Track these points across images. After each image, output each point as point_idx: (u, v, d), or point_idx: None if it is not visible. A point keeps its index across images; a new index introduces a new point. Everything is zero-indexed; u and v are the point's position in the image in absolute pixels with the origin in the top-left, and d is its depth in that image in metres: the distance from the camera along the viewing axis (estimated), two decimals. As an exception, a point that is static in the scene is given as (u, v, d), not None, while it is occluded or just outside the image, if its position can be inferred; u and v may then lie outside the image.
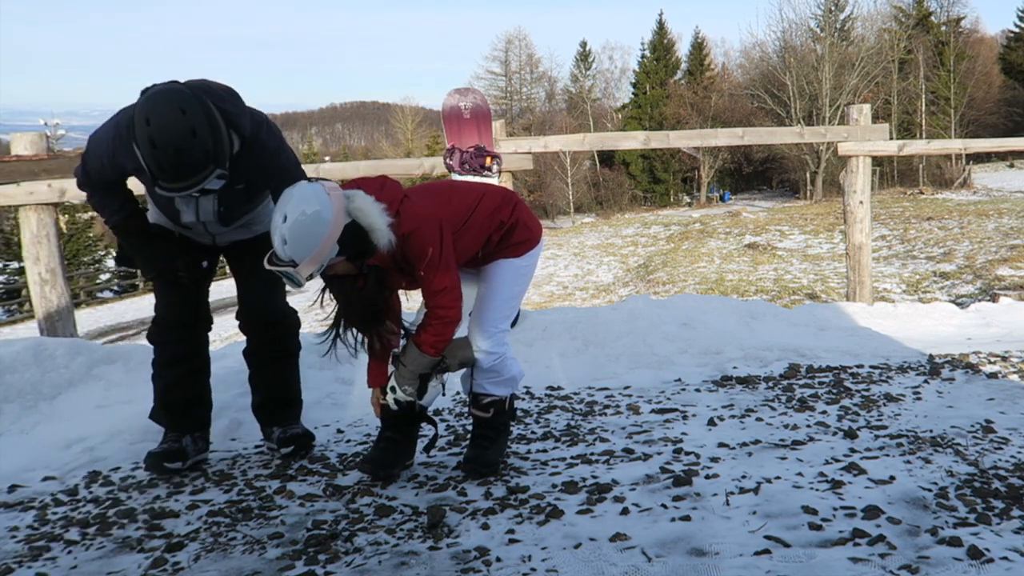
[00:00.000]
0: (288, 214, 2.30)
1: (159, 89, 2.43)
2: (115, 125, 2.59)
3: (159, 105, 2.36)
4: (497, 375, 2.79)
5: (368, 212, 2.40)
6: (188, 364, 2.96)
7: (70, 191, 4.89)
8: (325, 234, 2.32)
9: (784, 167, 46.11)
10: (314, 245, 2.31)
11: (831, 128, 6.49)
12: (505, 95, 56.55)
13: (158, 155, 2.35)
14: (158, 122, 2.34)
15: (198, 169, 2.40)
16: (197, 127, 2.37)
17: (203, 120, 2.39)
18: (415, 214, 2.49)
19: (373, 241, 2.41)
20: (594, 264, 23.06)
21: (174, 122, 2.34)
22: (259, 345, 3.08)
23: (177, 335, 2.93)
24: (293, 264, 2.31)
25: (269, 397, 3.10)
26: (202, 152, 2.39)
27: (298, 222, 2.29)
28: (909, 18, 46.48)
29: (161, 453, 2.86)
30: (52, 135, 32.95)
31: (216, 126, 2.44)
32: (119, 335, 18.59)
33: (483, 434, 2.82)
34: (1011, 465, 2.61)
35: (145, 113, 2.36)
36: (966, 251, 16.28)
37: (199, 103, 2.41)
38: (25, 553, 2.30)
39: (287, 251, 2.31)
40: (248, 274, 3.00)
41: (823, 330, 4.82)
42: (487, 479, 2.69)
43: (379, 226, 2.40)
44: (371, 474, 2.73)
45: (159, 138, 2.34)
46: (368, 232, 2.40)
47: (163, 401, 2.96)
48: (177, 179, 2.39)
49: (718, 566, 2.01)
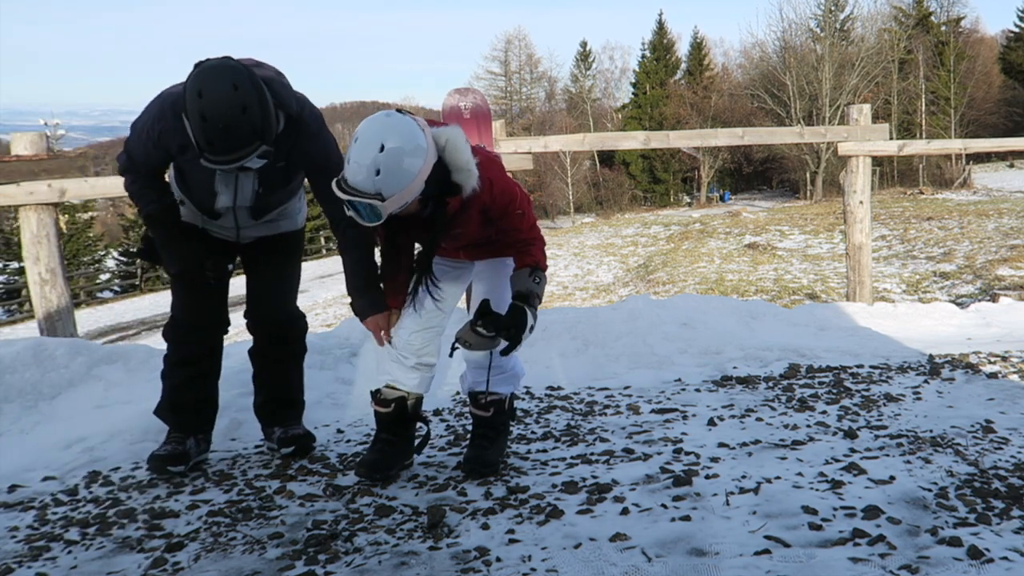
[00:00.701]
0: (387, 144, 2.23)
1: (213, 64, 2.43)
2: (159, 104, 2.60)
3: (212, 79, 2.38)
4: (501, 371, 2.77)
5: (462, 152, 2.37)
6: (199, 366, 2.95)
7: (70, 191, 4.89)
8: (420, 169, 2.28)
9: (784, 167, 46.11)
10: (408, 179, 2.27)
11: (831, 128, 6.49)
12: (505, 95, 56.55)
13: (207, 128, 2.37)
14: (210, 96, 2.36)
15: (245, 143, 2.42)
16: (248, 103, 2.39)
17: (254, 96, 2.41)
18: (491, 160, 2.48)
19: (457, 181, 2.37)
20: (594, 264, 23.06)
21: (226, 96, 2.36)
22: (266, 345, 3.07)
23: (191, 336, 2.92)
24: (380, 197, 2.26)
25: (271, 397, 3.09)
26: (250, 128, 2.40)
27: (397, 154, 2.23)
28: (909, 18, 46.48)
29: (165, 456, 2.86)
30: (52, 135, 32.99)
31: (265, 103, 2.45)
32: (119, 335, 18.59)
33: (483, 434, 2.81)
34: (1011, 465, 2.61)
35: (198, 86, 2.37)
36: (966, 251, 16.27)
37: (251, 79, 2.42)
38: (25, 553, 2.30)
39: (377, 183, 2.23)
40: (262, 273, 2.99)
41: (823, 330, 4.82)
42: (487, 479, 2.69)
43: (470, 167, 2.37)
44: (368, 477, 2.71)
45: (210, 111, 2.35)
46: (452, 172, 2.37)
47: (171, 401, 2.96)
48: (225, 151, 2.41)
49: (718, 566, 2.01)
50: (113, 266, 34.30)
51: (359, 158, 2.25)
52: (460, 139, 2.39)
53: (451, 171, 2.38)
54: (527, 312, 2.50)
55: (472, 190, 2.40)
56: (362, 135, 2.27)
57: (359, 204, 2.27)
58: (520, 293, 2.53)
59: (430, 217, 2.46)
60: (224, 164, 2.45)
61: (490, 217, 2.52)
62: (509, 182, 2.53)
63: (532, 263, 2.56)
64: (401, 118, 2.31)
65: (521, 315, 2.50)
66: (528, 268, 2.56)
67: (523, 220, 2.55)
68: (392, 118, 2.30)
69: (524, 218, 2.55)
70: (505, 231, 2.56)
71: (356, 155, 2.25)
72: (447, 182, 2.38)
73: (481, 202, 2.46)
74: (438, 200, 2.41)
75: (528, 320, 2.50)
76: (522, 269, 2.56)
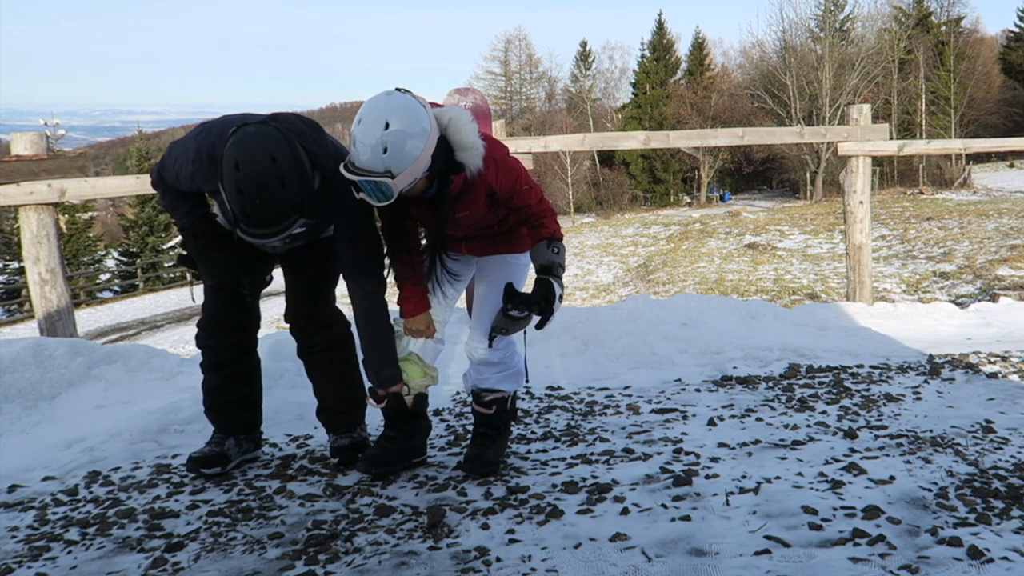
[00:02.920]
0: (391, 122, 2.24)
1: (252, 132, 2.35)
2: (197, 149, 2.53)
3: (251, 151, 2.30)
4: (506, 368, 2.78)
5: (466, 130, 2.38)
6: (231, 368, 2.92)
7: (70, 191, 4.89)
8: (425, 145, 2.29)
9: (784, 167, 46.10)
10: (415, 155, 2.28)
11: (831, 128, 6.48)
12: (505, 95, 56.54)
13: (244, 202, 2.30)
14: (248, 169, 2.28)
15: (282, 218, 2.35)
16: (286, 177, 2.32)
17: (292, 169, 2.33)
18: (495, 142, 2.49)
19: (461, 160, 2.39)
20: (594, 264, 23.05)
21: (264, 171, 2.29)
22: (307, 348, 3.01)
23: (219, 340, 2.89)
24: (390, 175, 2.26)
25: (323, 405, 3.04)
26: (288, 202, 2.34)
27: (403, 131, 2.24)
28: (909, 18, 46.46)
29: (200, 458, 2.85)
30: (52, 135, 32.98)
31: (304, 174, 2.38)
32: (119, 335, 18.59)
33: (484, 433, 2.81)
34: (1011, 465, 2.61)
35: (235, 157, 2.29)
36: (966, 251, 16.27)
37: (290, 150, 2.35)
38: (25, 553, 2.30)
39: (386, 160, 2.24)
40: (298, 274, 2.94)
41: (823, 330, 4.82)
42: (487, 479, 2.69)
43: (475, 144, 2.39)
44: (368, 472, 2.72)
45: (247, 185, 2.29)
46: (457, 150, 2.38)
47: (208, 403, 2.96)
48: (261, 225, 2.34)
49: (718, 566, 2.01)
50: (113, 266, 34.31)
51: (365, 138, 2.25)
52: (464, 118, 2.41)
53: (455, 149, 2.39)
54: (553, 284, 2.54)
55: (477, 170, 2.42)
56: (365, 115, 2.27)
57: (369, 184, 2.28)
58: (543, 266, 2.56)
59: (435, 197, 2.46)
60: (260, 238, 2.39)
61: (497, 199, 2.53)
62: (513, 160, 2.55)
63: (548, 235, 2.59)
64: (402, 96, 2.32)
65: (548, 287, 2.53)
66: (546, 240, 2.58)
67: (532, 194, 2.57)
68: (393, 97, 2.31)
69: (532, 192, 2.57)
70: (516, 209, 2.57)
71: (361, 135, 2.25)
72: (451, 161, 2.39)
73: (486, 182, 2.47)
74: (443, 178, 2.42)
75: (556, 291, 2.54)
76: (540, 242, 2.59)
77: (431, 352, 2.80)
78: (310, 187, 2.43)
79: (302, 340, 3.00)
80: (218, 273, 2.77)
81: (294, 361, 3.28)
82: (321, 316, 2.96)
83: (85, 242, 32.90)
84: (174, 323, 20.42)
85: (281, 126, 2.45)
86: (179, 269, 30.50)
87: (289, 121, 2.53)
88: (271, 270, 2.95)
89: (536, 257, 2.59)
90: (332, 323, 2.99)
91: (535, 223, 2.59)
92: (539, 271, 2.57)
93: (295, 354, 3.10)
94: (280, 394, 3.63)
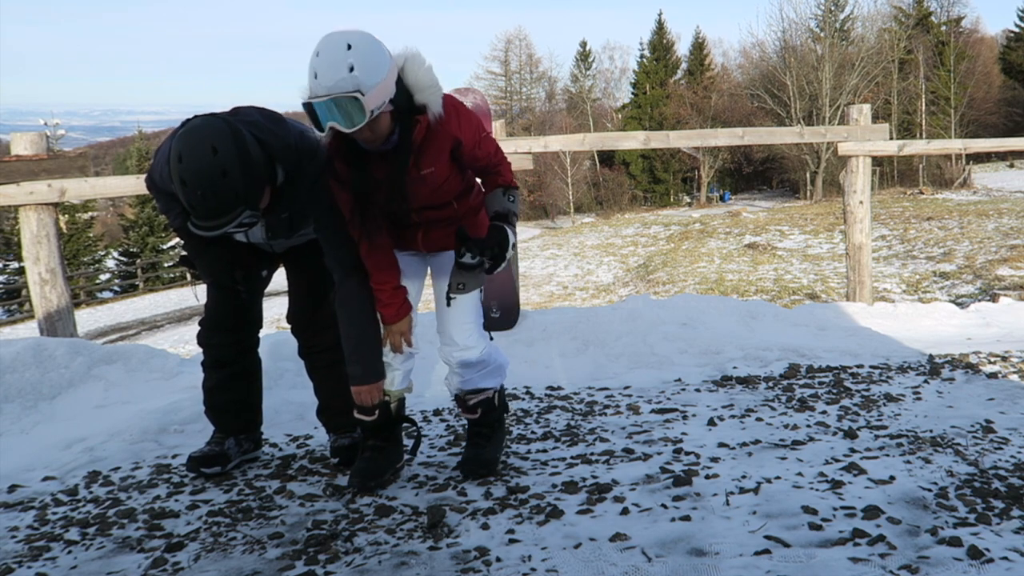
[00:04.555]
0: (352, 43, 2.23)
1: (194, 124, 2.36)
2: (170, 148, 2.53)
3: (191, 142, 2.30)
4: (486, 365, 2.73)
5: (423, 69, 2.37)
6: (232, 367, 2.93)
7: (70, 191, 4.89)
8: (390, 66, 2.29)
9: (784, 167, 46.13)
10: (383, 73, 2.26)
11: (831, 128, 6.48)
12: (505, 95, 56.55)
13: (187, 193, 2.31)
14: (189, 161, 2.28)
15: (226, 210, 2.34)
16: (228, 167, 2.30)
17: (235, 159, 2.31)
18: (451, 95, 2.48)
19: (422, 101, 2.37)
20: (594, 264, 23.06)
21: (204, 161, 2.28)
22: (307, 348, 3.01)
23: (220, 338, 2.90)
24: (360, 92, 2.22)
25: (322, 405, 3.04)
26: (232, 194, 2.32)
27: (367, 49, 2.24)
28: (909, 18, 46.49)
29: (200, 458, 2.85)
30: (52, 135, 32.99)
31: (250, 164, 2.36)
32: (119, 335, 18.59)
33: (478, 432, 2.79)
34: (1011, 465, 2.61)
35: (178, 149, 2.30)
36: (966, 251, 16.28)
37: (234, 140, 2.32)
38: (25, 553, 2.30)
39: (355, 78, 2.21)
40: (298, 274, 2.95)
41: (823, 330, 4.82)
42: (487, 479, 2.69)
43: (435, 83, 2.38)
44: (360, 487, 2.65)
45: (188, 177, 2.29)
46: (416, 92, 2.37)
47: (208, 403, 2.96)
48: (205, 217, 2.34)
49: (718, 566, 2.01)
50: (113, 266, 34.31)
51: (327, 63, 2.22)
52: (420, 58, 2.40)
53: (414, 91, 2.38)
54: (507, 230, 2.55)
55: (439, 115, 2.40)
56: (323, 46, 2.25)
57: (338, 106, 2.24)
58: (498, 213, 2.58)
59: (397, 147, 2.42)
60: (206, 230, 2.38)
61: (462, 153, 2.50)
62: (470, 109, 2.54)
63: (504, 183, 2.61)
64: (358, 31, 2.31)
65: (502, 233, 2.54)
66: (501, 188, 2.61)
67: (490, 143, 2.58)
68: (349, 30, 2.30)
69: (490, 140, 2.58)
70: (479, 159, 2.56)
71: (323, 63, 2.22)
72: (411, 103, 2.37)
73: (450, 132, 2.45)
74: (404, 124, 2.39)
75: (509, 237, 2.55)
76: (495, 190, 2.61)
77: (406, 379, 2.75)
78: (256, 178, 2.40)
79: (303, 340, 3.00)
80: (212, 271, 2.78)
81: (294, 361, 3.29)
82: (322, 317, 2.95)
83: (85, 242, 32.88)
84: (174, 323, 20.44)
85: (232, 117, 2.45)
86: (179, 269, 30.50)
87: (245, 113, 2.53)
88: (268, 268, 2.95)
89: (491, 204, 2.60)
90: (333, 324, 2.98)
91: (492, 171, 2.60)
92: (493, 218, 2.57)
93: (295, 354, 3.10)
94: (280, 394, 3.63)
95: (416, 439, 2.84)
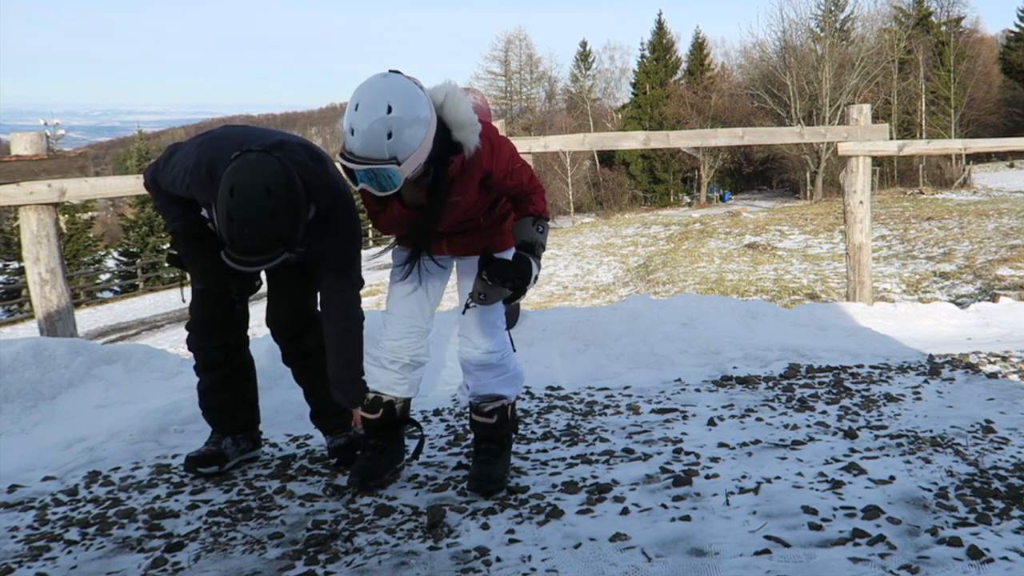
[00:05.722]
0: (393, 105, 2.12)
1: (249, 161, 2.32)
2: (197, 160, 2.53)
3: (248, 180, 2.28)
4: (504, 371, 2.68)
5: (462, 107, 2.30)
6: (223, 369, 2.92)
7: (70, 191, 4.89)
8: (428, 129, 2.20)
9: (784, 167, 46.10)
10: (420, 139, 2.18)
11: (831, 128, 6.48)
12: (505, 95, 56.53)
13: (232, 229, 2.29)
14: (241, 198, 2.27)
15: (267, 250, 2.34)
16: (277, 211, 2.29)
17: (284, 204, 2.30)
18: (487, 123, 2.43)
19: (460, 139, 2.30)
20: (594, 264, 23.04)
21: (257, 202, 2.26)
22: (287, 350, 3.01)
23: (208, 342, 2.90)
24: (396, 162, 2.16)
25: (317, 409, 3.03)
26: (276, 236, 2.32)
27: (406, 115, 2.14)
28: (909, 18, 46.46)
29: (197, 457, 2.86)
30: (52, 135, 33.00)
31: (297, 208, 2.36)
32: (119, 335, 18.58)
33: (487, 448, 2.70)
34: (1011, 465, 2.61)
35: (232, 183, 2.28)
36: (966, 251, 16.27)
37: (287, 185, 2.32)
38: (25, 553, 2.30)
39: (391, 146, 2.13)
40: (285, 280, 2.93)
41: (823, 330, 4.82)
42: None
43: (472, 121, 2.31)
44: (360, 487, 2.64)
45: (238, 213, 2.27)
46: (454, 129, 2.30)
47: (203, 404, 2.96)
48: (245, 253, 2.34)
49: (718, 566, 2.01)
50: (113, 266, 34.29)
51: (364, 124, 2.13)
52: (459, 94, 2.33)
53: (452, 129, 2.31)
54: (531, 262, 2.50)
55: (475, 148, 2.34)
56: (363, 100, 2.15)
57: (372, 174, 2.18)
58: (525, 243, 2.52)
59: (432, 183, 2.36)
60: (242, 265, 2.38)
61: (490, 183, 2.47)
62: (504, 139, 2.50)
63: (535, 212, 2.56)
64: (399, 78, 2.23)
65: (526, 265, 2.49)
66: (532, 217, 2.55)
67: (524, 172, 2.52)
68: (391, 79, 2.21)
69: (525, 169, 2.53)
70: (509, 188, 2.52)
71: (361, 122, 2.13)
72: (449, 141, 2.31)
73: (482, 165, 2.39)
74: (440, 161, 2.32)
75: (532, 270, 2.50)
76: (526, 218, 2.55)
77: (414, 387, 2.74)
78: (301, 222, 2.40)
79: (286, 345, 3.00)
80: (207, 278, 2.76)
81: (294, 361, 3.28)
82: (304, 321, 2.96)
83: (85, 242, 32.86)
84: (174, 323, 20.41)
85: (284, 156, 2.42)
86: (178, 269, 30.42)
87: (293, 151, 2.51)
88: (258, 276, 2.94)
89: (519, 232, 2.55)
90: (314, 327, 2.97)
91: (524, 200, 2.56)
92: (519, 247, 2.52)
93: None
94: (280, 394, 3.63)
95: (419, 441, 2.83)
